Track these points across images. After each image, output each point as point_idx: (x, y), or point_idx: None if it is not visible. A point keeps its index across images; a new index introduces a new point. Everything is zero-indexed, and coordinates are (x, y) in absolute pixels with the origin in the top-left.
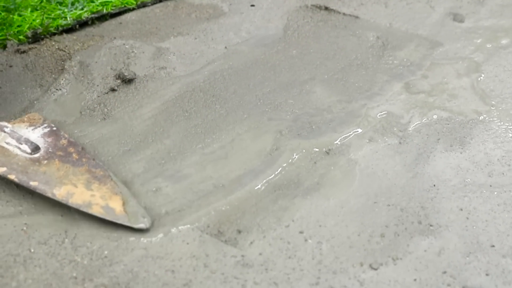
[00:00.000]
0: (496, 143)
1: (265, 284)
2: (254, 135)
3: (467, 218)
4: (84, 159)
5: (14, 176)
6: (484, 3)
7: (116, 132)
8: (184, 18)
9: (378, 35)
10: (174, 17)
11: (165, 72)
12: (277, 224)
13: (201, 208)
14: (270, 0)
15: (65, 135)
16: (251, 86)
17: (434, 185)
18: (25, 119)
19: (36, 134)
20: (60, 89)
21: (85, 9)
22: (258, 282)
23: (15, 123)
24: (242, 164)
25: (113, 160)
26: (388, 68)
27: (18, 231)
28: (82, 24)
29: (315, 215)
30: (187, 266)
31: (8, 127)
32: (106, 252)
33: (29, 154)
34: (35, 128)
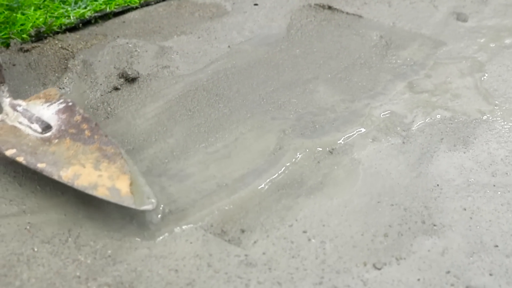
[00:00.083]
0: (500, 143)
1: (269, 284)
2: (258, 135)
3: (471, 218)
4: (96, 136)
5: (23, 158)
6: (488, 3)
7: (119, 131)
8: (188, 17)
9: (382, 35)
10: (177, 16)
11: (168, 71)
12: (281, 224)
13: (205, 208)
14: None
15: (80, 111)
16: (255, 85)
17: (438, 185)
18: (41, 95)
19: (51, 111)
20: (64, 88)
21: (88, 8)
22: (262, 282)
23: (31, 100)
24: (246, 164)
25: None
26: (392, 68)
27: (22, 230)
28: (85, 23)
29: (319, 215)
30: (191, 266)
31: (21, 106)
32: (110, 251)
33: (40, 134)
34: (51, 104)
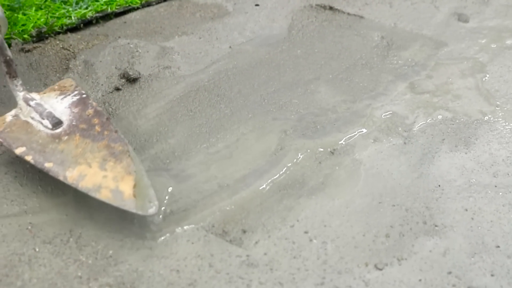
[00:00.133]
0: (501, 144)
1: (270, 284)
2: (259, 135)
3: (472, 219)
4: (106, 132)
5: (31, 158)
6: (489, 3)
7: (121, 131)
8: (189, 18)
9: (383, 35)
10: (179, 17)
11: (170, 72)
12: (282, 224)
13: (206, 208)
14: (275, 0)
15: (93, 104)
16: (256, 86)
17: (439, 186)
18: (56, 87)
19: (64, 104)
20: None
21: (90, 8)
22: (263, 282)
23: (46, 93)
24: (247, 164)
25: None
26: (393, 68)
27: (23, 230)
28: (87, 23)
29: (320, 215)
30: (192, 266)
31: (34, 100)
32: (111, 252)
33: (51, 130)
34: (65, 97)
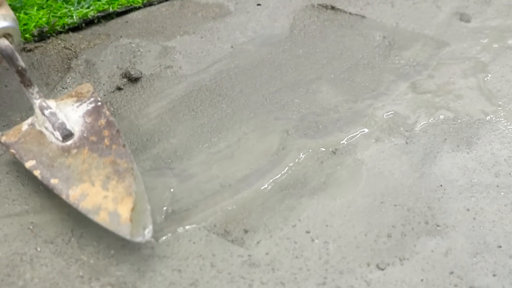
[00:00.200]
0: (503, 143)
1: (272, 284)
2: (261, 135)
3: (474, 219)
4: (114, 146)
5: (39, 172)
6: (491, 3)
7: (123, 131)
8: (190, 17)
9: (385, 35)
10: (180, 16)
11: (171, 71)
12: (284, 224)
13: (208, 208)
14: None
15: (106, 113)
16: (258, 86)
17: (441, 185)
18: (74, 93)
19: (78, 113)
20: (67, 88)
21: (91, 8)
22: (265, 282)
23: (63, 99)
24: (249, 164)
25: None
26: (395, 68)
27: (25, 230)
28: (88, 23)
29: (322, 215)
30: (194, 266)
31: (49, 109)
32: (113, 251)
33: (61, 142)
34: (81, 105)
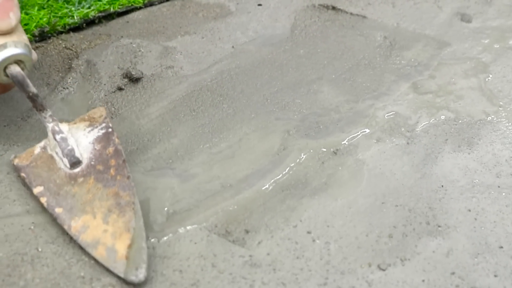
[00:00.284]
0: (504, 144)
1: (273, 284)
2: (262, 135)
3: (475, 219)
4: (119, 177)
5: (45, 200)
6: (492, 3)
7: (123, 131)
8: (191, 17)
9: (386, 35)
10: (181, 16)
11: (172, 71)
12: (285, 224)
13: (209, 208)
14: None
15: (115, 141)
16: (259, 86)
17: (442, 186)
18: (86, 117)
19: (89, 139)
20: (67, 88)
21: (92, 8)
22: (266, 282)
23: (76, 123)
24: (250, 164)
25: None
26: (396, 68)
27: (26, 230)
28: (89, 23)
29: (323, 215)
30: (195, 266)
31: (60, 134)
32: None
33: (69, 169)
34: (92, 130)
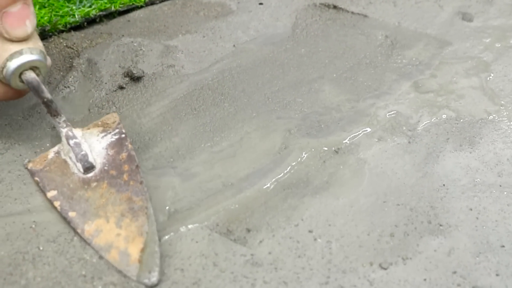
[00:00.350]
0: (506, 143)
1: (275, 283)
2: (263, 134)
3: (477, 218)
4: (132, 182)
5: (59, 204)
6: (493, 3)
7: (125, 130)
8: (192, 16)
9: (387, 34)
10: (182, 15)
11: (174, 70)
12: (286, 223)
13: (210, 207)
14: None
15: (128, 146)
16: (260, 85)
17: (444, 185)
18: (100, 123)
19: (102, 144)
20: (68, 87)
21: (93, 7)
22: (268, 281)
23: (90, 128)
24: (251, 163)
25: None
26: (397, 67)
27: (27, 229)
28: (90, 22)
29: (325, 214)
30: (196, 265)
31: (74, 139)
32: None
33: (82, 174)
34: (105, 135)
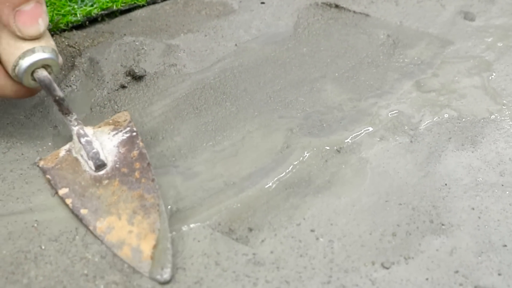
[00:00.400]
0: (508, 142)
1: (277, 283)
2: (265, 133)
3: (479, 218)
4: (144, 180)
5: (71, 201)
6: (495, 2)
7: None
8: (194, 15)
9: (389, 33)
10: (184, 14)
11: (175, 69)
12: (289, 223)
13: (212, 206)
14: None
15: (140, 144)
16: (262, 84)
17: (446, 184)
18: (111, 121)
19: (114, 142)
20: (70, 86)
21: (95, 6)
22: (270, 281)
23: (101, 126)
24: (253, 162)
25: None
26: (399, 67)
27: (29, 228)
28: (92, 21)
29: (327, 214)
30: (198, 264)
31: (86, 137)
32: None
33: (94, 171)
34: (116, 133)
